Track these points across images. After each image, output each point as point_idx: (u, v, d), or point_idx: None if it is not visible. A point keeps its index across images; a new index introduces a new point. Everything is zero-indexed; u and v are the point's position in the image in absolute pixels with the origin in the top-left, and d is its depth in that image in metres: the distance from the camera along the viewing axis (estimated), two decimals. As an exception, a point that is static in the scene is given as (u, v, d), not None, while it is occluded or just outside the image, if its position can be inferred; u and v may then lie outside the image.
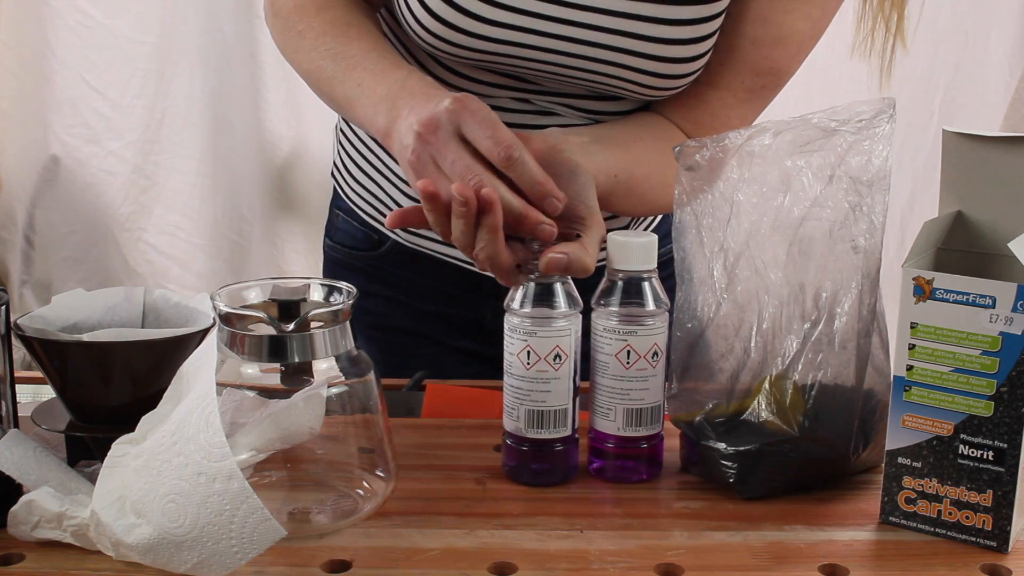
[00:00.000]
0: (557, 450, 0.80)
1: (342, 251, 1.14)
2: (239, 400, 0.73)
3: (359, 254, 1.12)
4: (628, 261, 0.79)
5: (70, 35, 1.88)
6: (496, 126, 0.76)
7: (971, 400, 0.71)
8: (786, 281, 0.79)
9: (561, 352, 0.78)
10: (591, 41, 0.90)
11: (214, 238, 2.01)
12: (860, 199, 0.77)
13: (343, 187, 1.13)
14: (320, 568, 0.68)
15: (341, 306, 0.73)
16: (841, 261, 0.78)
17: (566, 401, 0.79)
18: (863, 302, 0.78)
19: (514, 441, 0.80)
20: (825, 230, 0.78)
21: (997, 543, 0.71)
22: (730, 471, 0.78)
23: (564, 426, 0.79)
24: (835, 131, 0.78)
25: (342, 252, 1.14)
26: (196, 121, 1.95)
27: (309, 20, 0.92)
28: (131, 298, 0.86)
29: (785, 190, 0.79)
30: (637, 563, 0.69)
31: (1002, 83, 1.94)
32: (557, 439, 0.79)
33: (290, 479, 0.78)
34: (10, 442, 0.71)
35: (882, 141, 0.77)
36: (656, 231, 1.10)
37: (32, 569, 0.68)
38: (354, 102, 0.86)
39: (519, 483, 0.80)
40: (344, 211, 1.13)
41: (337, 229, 1.15)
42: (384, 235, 1.09)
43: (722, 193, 0.81)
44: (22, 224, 1.95)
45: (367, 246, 1.11)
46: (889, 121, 0.77)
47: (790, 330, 0.79)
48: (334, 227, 1.16)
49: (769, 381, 0.80)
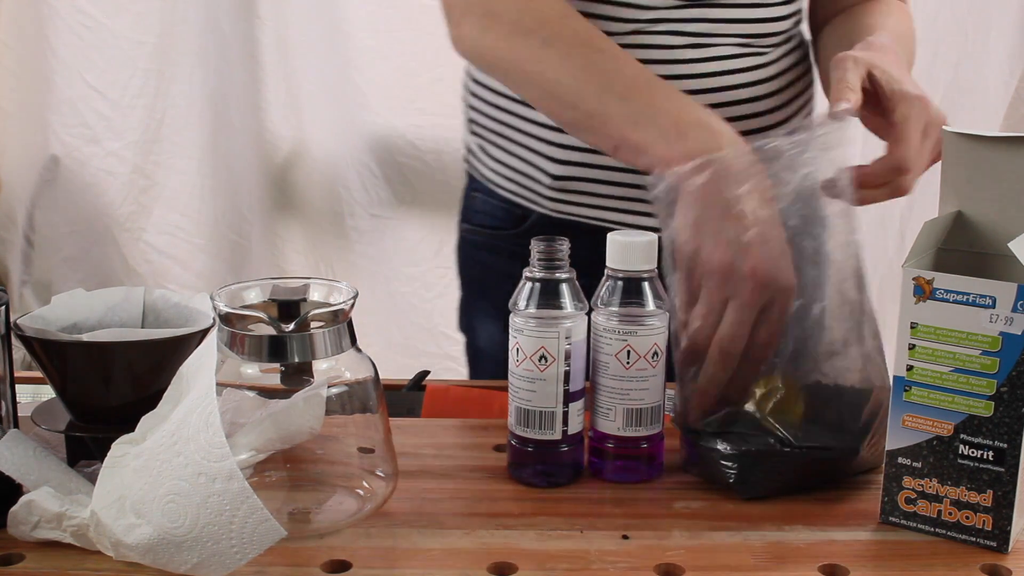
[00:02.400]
0: (546, 452, 0.79)
1: (483, 232, 1.15)
2: (239, 400, 0.73)
3: (502, 233, 1.13)
4: (628, 261, 0.79)
5: (70, 35, 1.88)
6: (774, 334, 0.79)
7: (971, 400, 0.71)
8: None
9: (546, 354, 0.77)
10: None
11: (214, 238, 2.00)
12: (818, 206, 0.79)
13: (481, 169, 1.14)
14: (320, 568, 0.68)
15: (341, 306, 0.73)
16: (816, 269, 0.79)
17: (552, 404, 0.78)
18: (852, 303, 0.78)
19: (511, 438, 0.80)
20: (787, 239, 0.79)
21: (997, 543, 0.71)
22: (730, 471, 0.78)
23: (552, 429, 0.79)
24: (784, 150, 0.79)
25: (482, 234, 1.15)
26: (196, 121, 1.94)
27: (553, 27, 0.91)
28: (131, 298, 0.86)
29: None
30: (637, 563, 0.69)
31: (1002, 83, 1.94)
32: (547, 440, 0.79)
33: (290, 479, 0.78)
34: (10, 442, 0.71)
35: (835, 148, 0.78)
36: None
37: (32, 569, 0.68)
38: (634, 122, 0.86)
39: (520, 483, 0.80)
40: (483, 192, 1.14)
41: (476, 212, 1.16)
42: (527, 209, 1.10)
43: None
44: (22, 224, 1.95)
45: (510, 223, 1.12)
46: (840, 127, 0.78)
47: (785, 334, 0.79)
48: (472, 210, 1.17)
49: (767, 382, 0.80)
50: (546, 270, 0.78)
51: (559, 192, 1.06)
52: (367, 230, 2.02)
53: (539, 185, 1.07)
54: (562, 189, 1.06)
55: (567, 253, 0.78)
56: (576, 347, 0.78)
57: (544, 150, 1.05)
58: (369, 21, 1.93)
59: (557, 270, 0.78)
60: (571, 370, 0.78)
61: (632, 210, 1.04)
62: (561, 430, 0.79)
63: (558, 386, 0.78)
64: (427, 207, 2.02)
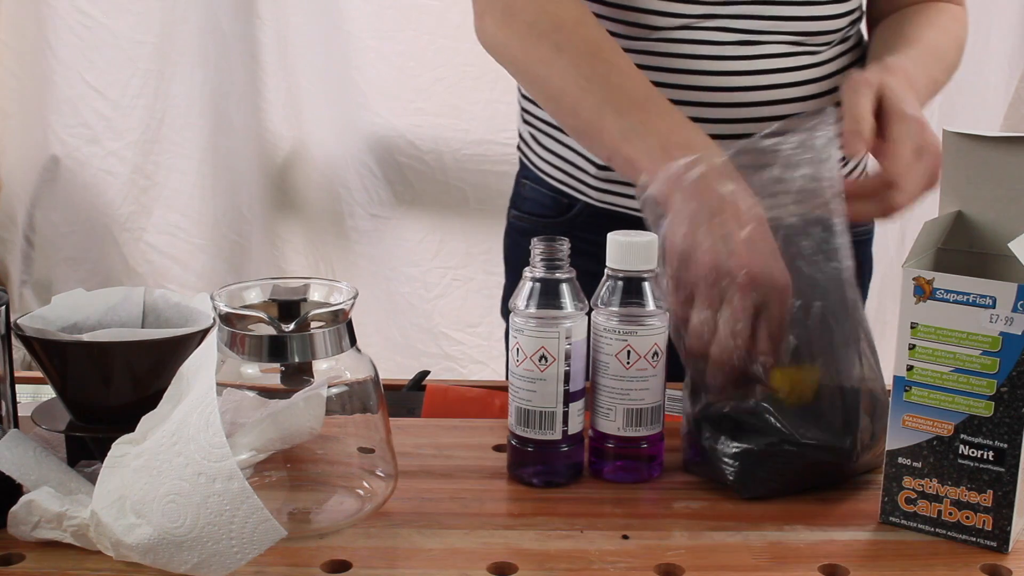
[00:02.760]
0: (546, 452, 0.79)
1: (530, 220, 1.17)
2: (239, 400, 0.73)
3: (548, 221, 1.15)
4: (628, 261, 0.79)
5: (70, 35, 1.88)
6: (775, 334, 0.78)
7: (971, 400, 0.71)
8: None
9: (547, 354, 0.77)
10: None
11: (214, 238, 2.01)
12: (809, 210, 0.78)
13: (531, 158, 1.16)
14: (320, 568, 0.68)
15: (341, 306, 0.73)
16: (809, 271, 0.79)
17: (552, 404, 0.78)
18: (851, 304, 0.78)
19: (511, 438, 0.81)
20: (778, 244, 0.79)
21: (997, 543, 0.71)
22: (730, 470, 0.78)
23: (552, 429, 0.79)
24: (775, 149, 0.79)
25: (530, 221, 1.17)
26: (196, 121, 1.94)
27: (566, 33, 0.93)
28: (131, 298, 0.86)
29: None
30: (637, 563, 0.69)
31: (1002, 83, 1.94)
32: (547, 440, 0.79)
33: (290, 479, 0.78)
34: (10, 442, 0.71)
35: (827, 149, 0.78)
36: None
37: (32, 569, 0.68)
38: (625, 136, 0.87)
39: (519, 483, 0.80)
40: (532, 180, 1.16)
41: (525, 199, 1.18)
42: (573, 199, 1.12)
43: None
44: (22, 224, 1.95)
45: (556, 212, 1.14)
46: (830, 127, 0.78)
47: (787, 331, 0.79)
48: (521, 197, 1.19)
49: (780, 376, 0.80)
50: (547, 270, 0.78)
51: (604, 182, 1.07)
52: (367, 230, 2.02)
53: (585, 175, 1.08)
54: (607, 179, 1.07)
55: (567, 253, 0.78)
56: (576, 347, 0.78)
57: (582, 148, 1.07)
58: (369, 21, 1.93)
59: (557, 270, 0.78)
60: (571, 370, 0.78)
61: None
62: (561, 430, 0.79)
63: (558, 386, 0.78)
64: (427, 207, 2.03)
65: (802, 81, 1.02)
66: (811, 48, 1.02)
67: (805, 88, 1.02)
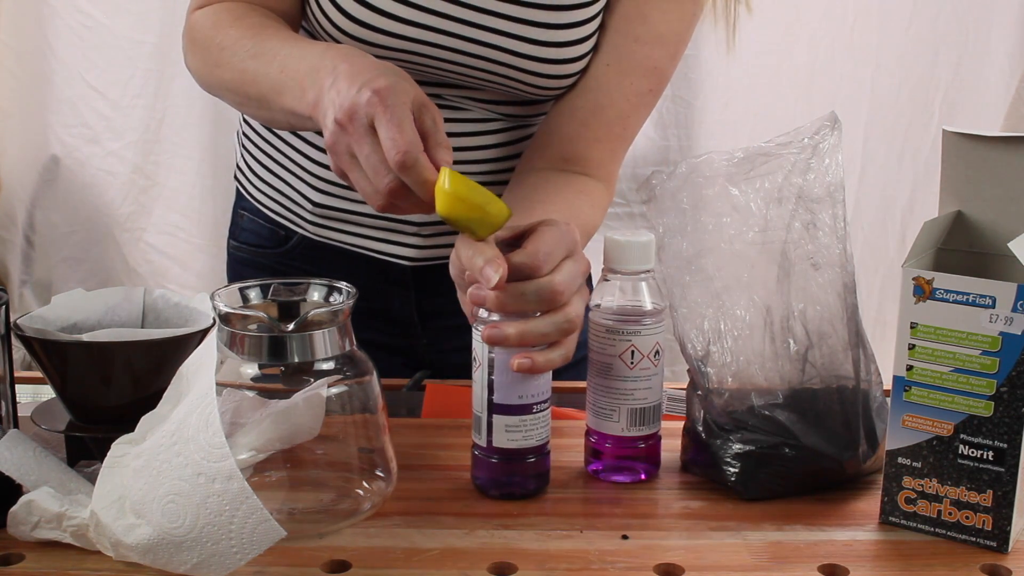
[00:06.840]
0: (477, 458, 0.79)
1: (248, 250, 1.18)
2: (239, 400, 0.73)
3: (265, 251, 1.15)
4: (627, 261, 0.79)
5: (70, 35, 1.88)
6: (401, 127, 0.73)
7: (971, 400, 0.71)
8: (763, 303, 0.80)
9: (476, 356, 0.76)
10: (485, 42, 0.97)
11: (214, 238, 2.00)
12: (813, 216, 0.78)
13: (248, 188, 1.16)
14: (320, 568, 0.68)
15: (341, 306, 0.73)
16: (808, 279, 0.79)
17: (479, 408, 0.77)
18: (849, 307, 0.78)
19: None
20: (777, 251, 0.79)
21: (997, 543, 0.71)
22: (732, 471, 0.78)
23: (479, 433, 0.77)
24: (779, 154, 0.79)
25: (248, 251, 1.18)
26: (196, 121, 1.94)
27: (227, 30, 0.94)
28: (131, 298, 0.86)
29: (735, 215, 0.80)
30: (637, 563, 0.69)
31: (1002, 83, 1.94)
32: (477, 445, 0.78)
33: (290, 479, 0.78)
34: (10, 442, 0.71)
35: (828, 155, 0.78)
36: None
37: (32, 569, 0.68)
38: (281, 88, 0.86)
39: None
40: (249, 211, 1.17)
41: (242, 229, 1.18)
42: (290, 231, 1.13)
43: (679, 225, 0.81)
44: (22, 224, 1.95)
45: (273, 243, 1.14)
46: (832, 134, 0.78)
47: (784, 338, 0.79)
48: (239, 228, 1.19)
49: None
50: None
51: (319, 217, 1.09)
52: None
53: (302, 209, 1.10)
54: (322, 216, 1.08)
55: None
56: (500, 360, 0.75)
57: (307, 177, 1.08)
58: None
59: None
60: (496, 381, 0.76)
61: (387, 239, 1.08)
62: (486, 439, 0.77)
63: (483, 391, 0.76)
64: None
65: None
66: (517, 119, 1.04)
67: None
